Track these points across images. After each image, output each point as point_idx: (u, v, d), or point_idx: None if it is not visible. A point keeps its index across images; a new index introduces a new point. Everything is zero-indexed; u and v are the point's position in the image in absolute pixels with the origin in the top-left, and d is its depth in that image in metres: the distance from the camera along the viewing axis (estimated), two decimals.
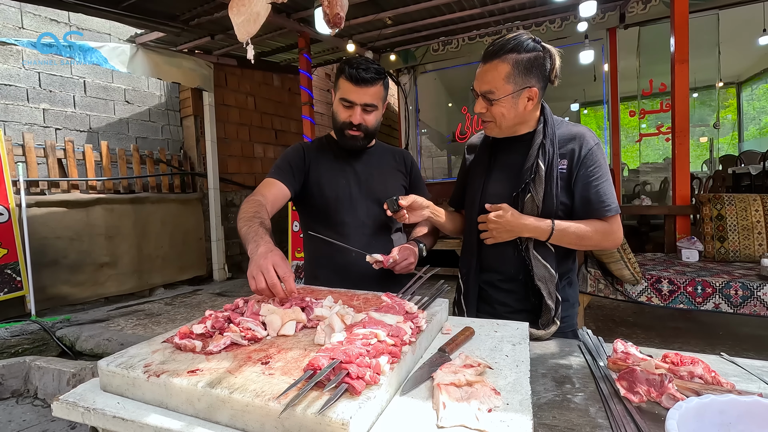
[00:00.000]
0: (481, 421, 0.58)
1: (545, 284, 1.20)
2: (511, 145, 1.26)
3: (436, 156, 7.40)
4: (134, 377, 0.67)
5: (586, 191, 1.19)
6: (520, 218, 1.18)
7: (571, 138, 1.21)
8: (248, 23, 0.96)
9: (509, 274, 1.25)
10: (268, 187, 1.34)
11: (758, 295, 2.07)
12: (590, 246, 1.25)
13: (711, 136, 8.06)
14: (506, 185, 1.24)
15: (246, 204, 1.23)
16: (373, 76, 1.31)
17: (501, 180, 1.26)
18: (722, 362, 0.95)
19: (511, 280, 1.26)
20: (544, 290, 1.19)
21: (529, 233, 1.19)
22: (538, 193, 1.18)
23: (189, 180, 4.95)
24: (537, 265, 1.20)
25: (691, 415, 0.59)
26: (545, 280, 1.20)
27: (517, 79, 1.13)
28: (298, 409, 0.54)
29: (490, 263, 1.28)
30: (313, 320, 0.84)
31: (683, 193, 3.11)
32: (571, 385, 0.85)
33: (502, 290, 1.27)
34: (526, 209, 1.20)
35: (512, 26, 5.33)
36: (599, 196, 1.18)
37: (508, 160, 1.26)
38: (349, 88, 1.32)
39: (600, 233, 1.20)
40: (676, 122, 3.15)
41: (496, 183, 1.26)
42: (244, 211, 1.19)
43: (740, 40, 6.37)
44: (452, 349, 0.81)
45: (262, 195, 1.30)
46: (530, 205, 1.19)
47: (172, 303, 3.97)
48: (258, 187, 1.35)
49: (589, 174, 1.19)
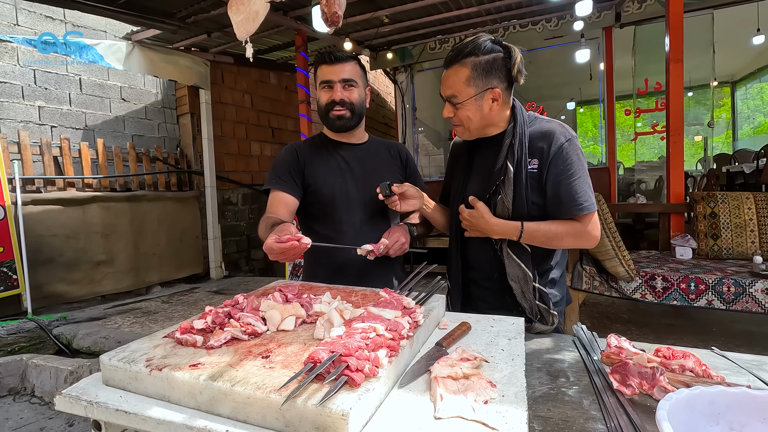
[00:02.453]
0: (477, 412, 0.59)
1: (518, 284, 1.21)
2: (485, 146, 1.27)
3: (433, 154, 7.42)
4: (136, 371, 0.68)
5: (556, 190, 1.16)
6: (489, 219, 1.18)
7: (542, 136, 1.19)
8: (247, 22, 0.97)
9: (486, 273, 1.29)
10: (277, 204, 1.37)
11: (750, 291, 2.10)
12: (565, 246, 1.24)
13: (705, 134, 8.12)
14: (481, 186, 1.25)
15: (261, 224, 1.31)
16: (345, 55, 1.39)
17: (477, 181, 1.28)
18: (713, 356, 0.97)
19: (489, 278, 1.29)
20: (517, 290, 1.21)
21: (498, 235, 1.20)
22: (507, 195, 1.18)
23: (185, 178, 4.93)
24: (510, 264, 1.21)
25: (681, 406, 0.61)
26: (518, 279, 1.21)
27: (478, 81, 1.15)
28: (299, 400, 0.55)
29: (471, 262, 1.32)
30: (312, 316, 0.85)
31: (677, 191, 3.15)
32: (565, 379, 0.87)
33: (483, 288, 1.31)
34: (498, 210, 1.20)
35: (508, 25, 5.35)
36: (571, 195, 1.15)
37: (483, 162, 1.27)
38: (326, 69, 1.38)
39: (572, 233, 1.17)
40: (670, 121, 3.18)
41: (473, 184, 1.29)
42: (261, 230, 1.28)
43: (734, 39, 6.42)
44: (449, 344, 0.82)
45: (273, 212, 1.35)
46: (501, 207, 1.20)
47: (169, 301, 3.97)
48: (268, 206, 1.40)
49: (559, 172, 1.16)
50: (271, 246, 1.02)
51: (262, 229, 1.26)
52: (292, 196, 1.39)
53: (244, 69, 5.44)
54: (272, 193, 1.40)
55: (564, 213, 1.17)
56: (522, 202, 1.18)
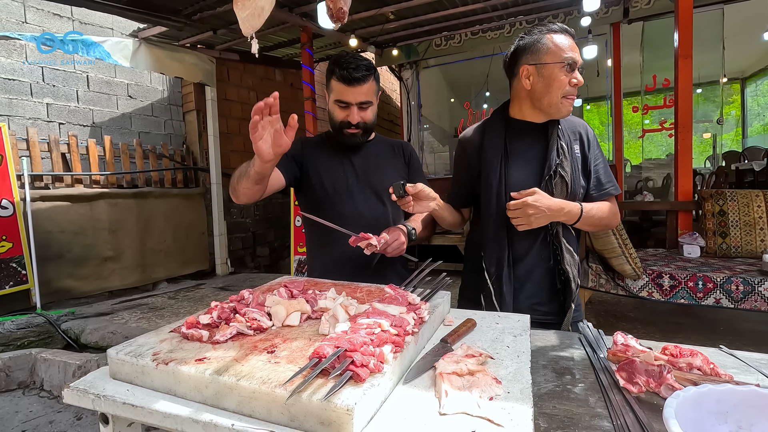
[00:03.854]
0: (482, 408, 0.59)
1: (571, 268, 1.24)
2: (528, 132, 1.27)
3: (438, 152, 7.40)
4: (143, 365, 0.69)
5: (597, 172, 1.28)
6: (554, 202, 1.18)
7: (574, 124, 1.30)
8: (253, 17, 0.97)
9: (540, 262, 1.27)
10: None
11: (759, 290, 2.08)
12: (604, 226, 1.33)
13: (714, 132, 8.02)
14: (528, 172, 1.24)
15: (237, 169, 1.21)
16: (364, 74, 1.31)
17: (521, 167, 1.24)
18: (721, 355, 0.96)
19: (541, 268, 1.27)
20: (571, 274, 1.24)
21: (564, 216, 1.20)
22: (568, 175, 1.22)
23: (191, 175, 4.96)
24: (566, 249, 1.24)
25: (689, 404, 0.61)
26: (570, 264, 1.24)
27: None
28: (304, 395, 0.56)
29: (521, 254, 1.26)
30: (317, 311, 0.85)
31: (685, 189, 3.11)
32: (571, 376, 0.86)
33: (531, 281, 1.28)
34: (556, 193, 1.21)
35: (515, 21, 5.31)
36: (607, 177, 1.29)
37: (524, 147, 1.26)
38: (343, 89, 1.32)
39: (611, 213, 1.29)
40: (679, 118, 3.14)
41: (516, 171, 1.24)
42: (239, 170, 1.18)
43: (745, 35, 6.32)
44: (454, 340, 0.82)
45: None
46: (560, 188, 1.22)
47: (175, 297, 4.00)
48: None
49: (596, 156, 1.29)
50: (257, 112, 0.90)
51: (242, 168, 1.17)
52: (282, 174, 1.35)
53: (249, 66, 5.45)
54: None
55: (603, 194, 1.29)
56: (576, 184, 1.24)
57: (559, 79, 1.17)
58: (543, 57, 1.17)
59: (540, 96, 1.20)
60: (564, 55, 1.16)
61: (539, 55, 1.18)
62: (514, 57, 1.25)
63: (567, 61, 1.16)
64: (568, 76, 1.17)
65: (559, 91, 1.17)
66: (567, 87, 1.17)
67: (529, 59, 1.19)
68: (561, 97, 1.18)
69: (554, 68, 1.16)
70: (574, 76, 1.17)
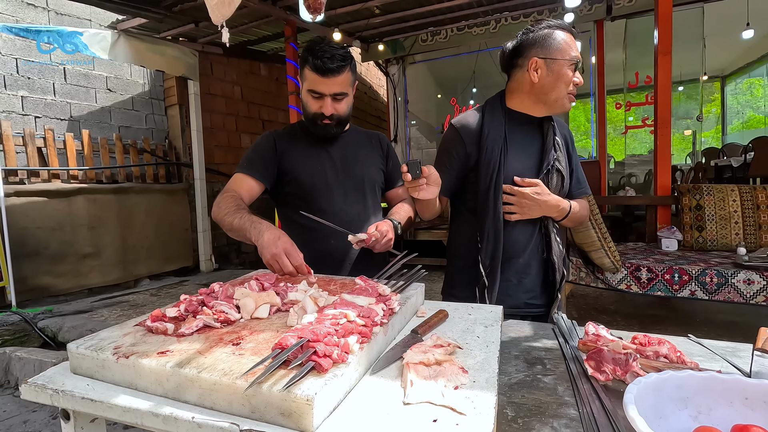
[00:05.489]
0: (446, 397, 0.59)
1: (558, 259, 1.30)
2: (527, 124, 1.29)
3: (426, 147, 7.40)
4: (104, 359, 0.67)
5: (577, 172, 1.35)
6: (551, 196, 1.24)
7: (560, 124, 1.34)
8: (222, 5, 0.94)
9: (536, 255, 1.31)
10: (238, 183, 1.31)
11: (732, 282, 2.13)
12: (579, 223, 1.41)
13: (695, 128, 8.18)
14: (526, 164, 1.25)
15: (224, 201, 1.22)
16: (339, 64, 1.25)
17: (519, 159, 1.25)
18: (689, 343, 0.98)
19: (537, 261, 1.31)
20: (558, 264, 1.30)
21: (556, 213, 1.26)
22: (564, 169, 1.27)
23: (174, 170, 4.88)
24: (555, 242, 1.30)
25: (650, 390, 0.61)
26: (558, 255, 1.30)
27: None
28: (265, 386, 0.55)
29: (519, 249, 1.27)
30: (287, 304, 0.84)
31: (664, 184, 3.17)
32: (542, 366, 0.87)
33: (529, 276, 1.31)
34: (552, 186, 1.26)
35: (500, 17, 5.33)
36: (583, 176, 1.38)
37: (523, 140, 1.27)
38: (316, 79, 1.27)
39: (588, 210, 1.40)
40: (658, 114, 3.19)
41: (514, 162, 1.24)
42: (226, 206, 1.19)
43: (725, 33, 6.44)
44: (425, 331, 0.82)
45: (234, 191, 1.28)
46: (555, 182, 1.27)
47: (157, 294, 3.94)
48: (228, 184, 1.32)
49: (576, 156, 1.36)
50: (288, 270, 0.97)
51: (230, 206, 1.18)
52: (258, 181, 1.33)
53: (233, 60, 5.37)
54: (238, 174, 1.33)
55: (581, 192, 1.36)
56: (569, 179, 1.31)
57: (567, 76, 1.19)
58: (554, 53, 1.18)
59: (548, 90, 1.21)
60: (572, 53, 1.19)
61: (550, 50, 1.19)
62: (519, 49, 1.24)
63: (574, 60, 1.19)
64: (573, 74, 1.20)
65: (566, 87, 1.20)
66: (571, 84, 1.21)
67: (539, 53, 1.19)
68: (565, 92, 1.21)
69: (564, 64, 1.18)
70: (576, 75, 1.20)
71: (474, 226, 1.28)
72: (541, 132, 1.28)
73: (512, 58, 1.26)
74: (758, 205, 2.68)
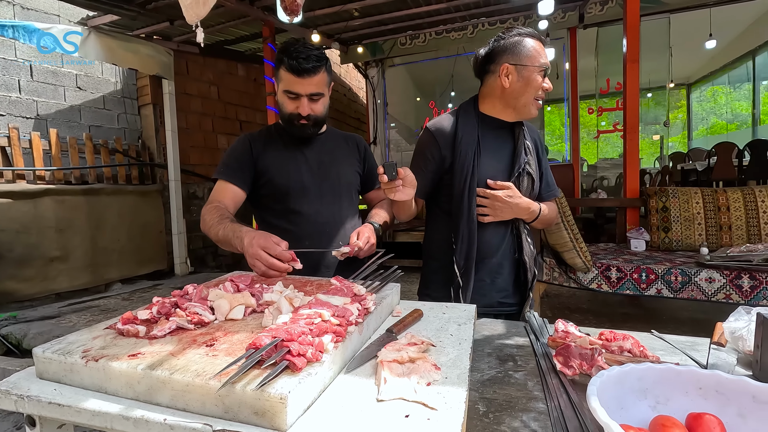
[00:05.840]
0: (418, 393, 0.60)
1: (529, 259, 1.34)
2: (498, 129, 1.32)
3: (405, 150, 7.45)
4: (72, 363, 0.65)
5: (546, 175, 1.40)
6: (523, 199, 1.28)
7: (530, 128, 1.38)
8: (197, 5, 0.94)
9: (508, 256, 1.34)
10: (222, 193, 1.32)
11: (695, 280, 2.23)
12: (548, 225, 1.45)
13: (662, 134, 8.51)
14: (498, 167, 1.29)
15: (208, 213, 1.24)
16: (314, 64, 1.26)
17: (492, 162, 1.28)
18: (652, 338, 1.03)
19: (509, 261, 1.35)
20: (529, 264, 1.33)
21: (527, 215, 1.30)
22: (534, 173, 1.31)
23: (148, 171, 4.76)
24: (525, 242, 1.34)
25: (612, 382, 0.64)
26: (529, 256, 1.34)
27: None
28: (238, 386, 0.55)
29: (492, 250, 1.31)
30: (262, 305, 0.84)
31: (633, 187, 3.29)
32: (513, 363, 0.89)
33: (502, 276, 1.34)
34: (522, 189, 1.30)
35: (477, 22, 5.42)
36: (552, 180, 1.42)
37: (495, 143, 1.31)
38: (292, 79, 1.27)
39: (555, 212, 1.43)
40: (627, 119, 3.31)
41: (487, 166, 1.28)
42: (211, 218, 1.21)
43: (690, 43, 6.74)
44: (400, 330, 0.83)
45: (218, 201, 1.29)
46: (526, 184, 1.31)
47: (129, 298, 3.83)
48: (212, 194, 1.33)
49: (544, 159, 1.39)
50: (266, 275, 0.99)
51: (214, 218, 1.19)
52: (240, 188, 1.34)
53: (210, 60, 5.28)
54: (220, 182, 1.34)
55: (550, 195, 1.41)
56: (539, 182, 1.35)
57: (536, 82, 1.23)
58: (524, 59, 1.22)
59: (517, 95, 1.25)
60: (541, 60, 1.23)
61: (520, 56, 1.23)
62: (491, 55, 1.28)
63: (543, 67, 1.23)
64: (542, 80, 1.24)
65: (534, 92, 1.24)
66: (539, 90, 1.25)
67: (510, 59, 1.24)
68: (533, 97, 1.25)
69: (533, 71, 1.22)
70: (546, 81, 1.25)
71: (449, 227, 1.31)
72: (513, 136, 1.32)
73: (485, 64, 1.30)
74: (719, 207, 2.81)
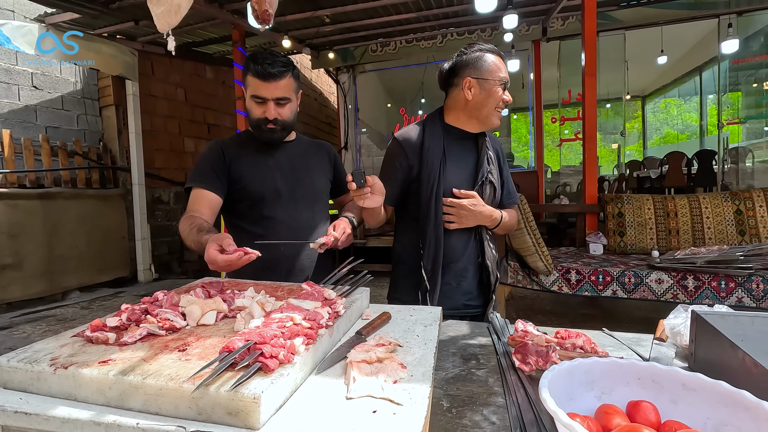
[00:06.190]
0: (385, 390, 0.64)
1: (491, 263, 1.41)
2: (463, 139, 1.39)
3: (376, 155, 7.51)
4: (39, 371, 0.65)
5: (507, 183, 1.48)
6: (486, 207, 1.35)
7: (493, 139, 1.46)
8: (169, 14, 0.94)
9: (472, 260, 1.41)
10: (198, 201, 1.33)
11: (646, 282, 2.38)
12: (509, 230, 1.54)
13: (620, 142, 8.98)
14: (463, 176, 1.36)
15: (182, 224, 1.27)
16: (280, 69, 1.30)
17: (457, 172, 1.35)
18: (603, 336, 1.11)
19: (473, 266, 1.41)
20: (491, 268, 1.41)
21: (490, 222, 1.37)
22: (496, 181, 1.39)
23: (110, 175, 4.59)
24: (488, 247, 1.41)
25: (563, 376, 0.70)
26: (491, 260, 1.41)
27: None
28: (212, 388, 0.57)
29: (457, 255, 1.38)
30: (234, 310, 0.86)
31: (592, 194, 3.47)
32: (476, 361, 0.95)
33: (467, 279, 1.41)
34: (485, 197, 1.37)
35: (446, 32, 5.57)
36: (513, 188, 1.51)
37: (460, 153, 1.37)
38: (258, 84, 1.31)
39: (515, 219, 1.51)
40: (585, 130, 3.50)
41: (452, 175, 1.35)
42: (183, 229, 1.24)
43: (644, 58, 7.16)
44: (368, 332, 0.87)
45: (194, 211, 1.30)
46: (488, 193, 1.38)
47: (89, 307, 3.68)
48: (189, 203, 1.34)
49: (506, 169, 1.47)
50: (214, 258, 1.01)
51: (187, 229, 1.22)
52: (216, 194, 1.35)
53: (177, 61, 5.17)
54: (195, 191, 1.34)
55: (511, 202, 1.49)
56: (500, 190, 1.42)
57: (497, 94, 1.32)
58: (485, 73, 1.31)
59: (479, 107, 1.33)
60: (501, 74, 1.32)
61: (482, 71, 1.31)
62: (454, 69, 1.36)
63: (503, 80, 1.32)
64: (502, 93, 1.33)
65: (495, 104, 1.32)
66: (500, 102, 1.33)
67: (472, 73, 1.31)
68: (494, 109, 1.33)
69: (494, 84, 1.31)
70: (505, 94, 1.33)
71: (417, 233, 1.37)
72: (476, 146, 1.40)
73: (448, 77, 1.38)
74: (668, 213, 3.02)
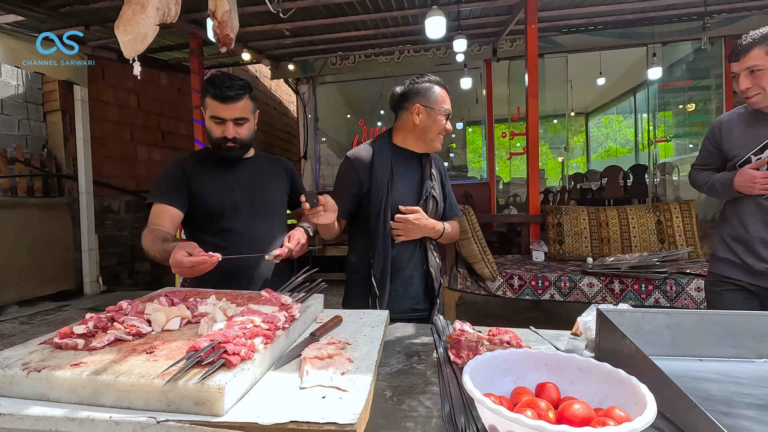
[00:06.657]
0: (334, 380, 0.75)
1: (434, 270, 1.56)
2: (409, 159, 1.55)
3: (335, 164, 7.60)
4: (12, 375, 0.70)
5: (450, 197, 1.65)
6: (428, 221, 1.50)
7: (436, 158, 1.63)
8: (135, 42, 1.01)
9: (418, 268, 1.56)
10: (160, 216, 1.39)
11: (580, 286, 2.63)
12: (453, 240, 1.70)
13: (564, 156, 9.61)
14: (408, 192, 1.52)
15: (144, 237, 1.33)
16: (237, 92, 1.39)
17: (403, 188, 1.51)
18: (529, 333, 1.27)
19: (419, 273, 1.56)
20: (435, 274, 1.56)
21: (433, 233, 1.53)
22: (438, 197, 1.55)
23: (54, 183, 4.39)
24: (431, 256, 1.56)
25: (484, 365, 0.84)
26: (435, 267, 1.57)
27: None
28: (180, 382, 0.65)
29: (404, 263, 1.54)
30: (198, 316, 0.93)
31: (535, 205, 3.76)
32: (417, 357, 1.07)
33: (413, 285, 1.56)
34: (428, 211, 1.52)
35: (404, 49, 5.80)
36: (455, 201, 1.68)
37: (407, 171, 1.53)
38: (217, 106, 1.40)
39: (457, 229, 1.68)
40: (528, 146, 3.79)
41: (399, 191, 1.50)
42: (146, 242, 1.31)
43: (585, 79, 7.76)
44: (321, 333, 0.98)
45: (157, 224, 1.36)
46: (431, 207, 1.53)
47: (30, 322, 3.46)
48: (150, 217, 1.40)
49: (448, 185, 1.64)
50: (180, 260, 1.09)
51: (150, 240, 1.28)
52: (177, 209, 1.41)
53: (129, 67, 4.97)
54: (156, 206, 1.40)
55: (453, 215, 1.65)
56: (443, 204, 1.59)
57: (441, 122, 1.51)
58: (432, 103, 1.49)
59: (425, 131, 1.51)
60: (445, 106, 1.52)
61: (430, 100, 1.49)
62: (406, 95, 1.52)
63: (447, 112, 1.51)
64: (445, 122, 1.52)
65: (438, 130, 1.51)
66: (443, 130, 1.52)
67: (421, 101, 1.49)
68: (437, 134, 1.52)
69: (438, 113, 1.50)
70: (447, 123, 1.53)
71: (367, 244, 1.51)
72: (421, 165, 1.56)
73: (400, 101, 1.53)
74: (601, 223, 3.34)
